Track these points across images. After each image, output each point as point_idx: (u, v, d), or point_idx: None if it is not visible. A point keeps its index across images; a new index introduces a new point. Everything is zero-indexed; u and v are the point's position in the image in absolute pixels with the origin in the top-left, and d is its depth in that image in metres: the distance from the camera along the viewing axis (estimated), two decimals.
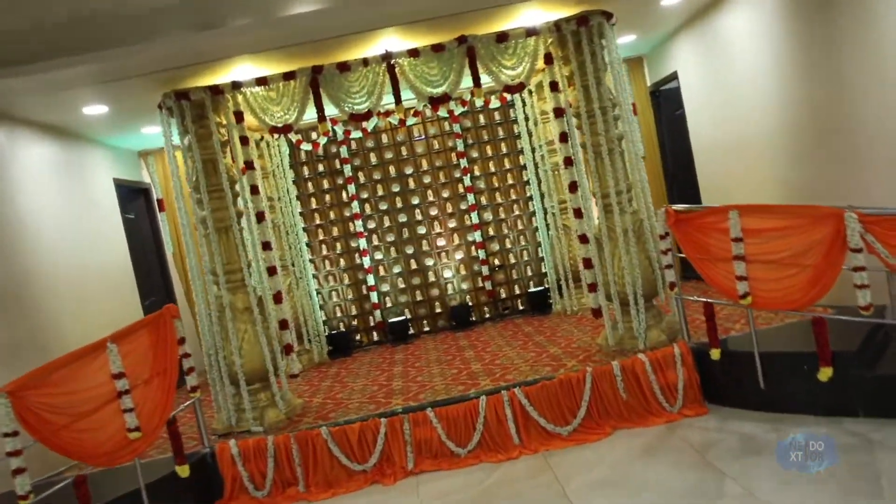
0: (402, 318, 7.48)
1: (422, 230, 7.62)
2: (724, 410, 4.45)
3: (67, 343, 4.78)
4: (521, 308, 7.64)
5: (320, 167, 7.59)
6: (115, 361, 3.84)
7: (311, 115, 5.18)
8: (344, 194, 7.56)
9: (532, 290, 7.56)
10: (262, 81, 5.02)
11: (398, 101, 5.13)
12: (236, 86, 4.99)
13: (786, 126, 5.33)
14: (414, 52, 5.06)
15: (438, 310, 7.65)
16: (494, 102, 7.27)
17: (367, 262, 7.51)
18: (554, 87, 5.20)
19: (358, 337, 7.61)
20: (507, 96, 7.18)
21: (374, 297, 7.52)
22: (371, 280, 7.52)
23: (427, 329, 7.62)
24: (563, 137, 5.19)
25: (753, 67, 5.65)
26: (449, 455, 4.51)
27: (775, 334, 4.70)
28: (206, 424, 4.78)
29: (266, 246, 5.16)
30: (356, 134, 7.31)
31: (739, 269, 4.05)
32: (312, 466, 4.51)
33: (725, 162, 6.42)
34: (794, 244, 3.78)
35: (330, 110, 5.17)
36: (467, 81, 5.17)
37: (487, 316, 7.62)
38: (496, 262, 7.67)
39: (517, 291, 7.69)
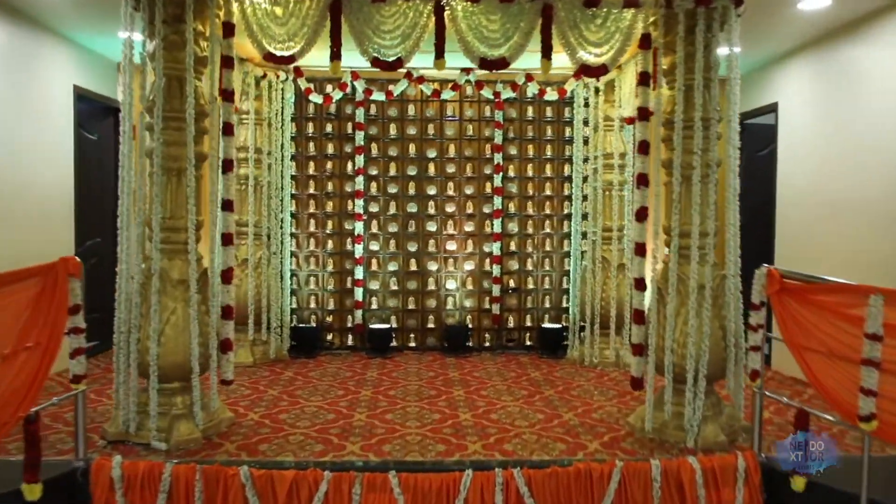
0: (387, 325, 6.25)
1: (431, 227, 6.37)
2: None
3: None
4: (528, 344, 6.41)
5: (328, 127, 6.34)
6: None
7: (321, 57, 3.95)
8: (349, 165, 6.32)
9: (546, 325, 6.31)
10: None
11: (440, 54, 3.90)
12: None
13: None
14: None
15: (431, 325, 6.39)
16: (551, 94, 6.00)
17: (359, 250, 6.26)
18: (644, 79, 3.94)
19: (329, 337, 6.35)
20: (568, 89, 5.92)
21: (358, 293, 6.26)
22: (359, 273, 6.27)
23: (413, 345, 6.38)
24: (643, 147, 3.94)
25: (893, 113, 4.38)
26: None
27: (886, 469, 3.42)
28: (86, 426, 3.52)
29: (227, 206, 3.90)
30: (378, 96, 6.08)
31: (868, 379, 2.91)
32: None
33: (822, 223, 5.14)
34: None
35: (348, 53, 3.94)
36: (527, 60, 4.03)
37: (487, 345, 6.37)
38: (511, 283, 6.42)
39: (528, 323, 6.45)
